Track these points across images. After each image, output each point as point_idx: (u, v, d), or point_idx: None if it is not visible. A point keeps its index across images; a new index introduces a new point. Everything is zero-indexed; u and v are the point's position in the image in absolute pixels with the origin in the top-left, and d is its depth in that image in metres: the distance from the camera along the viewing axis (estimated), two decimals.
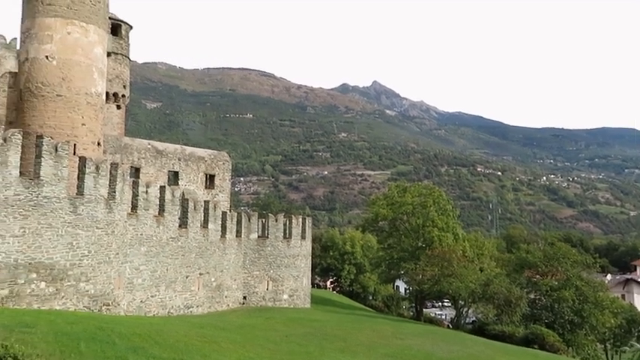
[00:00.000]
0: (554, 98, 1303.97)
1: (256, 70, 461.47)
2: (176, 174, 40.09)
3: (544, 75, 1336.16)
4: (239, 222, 35.93)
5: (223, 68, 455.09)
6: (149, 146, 39.42)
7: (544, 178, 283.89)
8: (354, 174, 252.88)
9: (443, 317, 66.77)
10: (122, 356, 13.32)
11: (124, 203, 24.70)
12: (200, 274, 31.31)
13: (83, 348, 13.23)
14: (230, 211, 37.27)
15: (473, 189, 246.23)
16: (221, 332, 21.45)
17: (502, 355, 29.23)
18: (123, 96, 40.11)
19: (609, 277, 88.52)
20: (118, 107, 40.07)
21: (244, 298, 36.19)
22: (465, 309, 49.38)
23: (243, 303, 35.92)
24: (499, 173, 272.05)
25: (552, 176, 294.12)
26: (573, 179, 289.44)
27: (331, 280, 75.43)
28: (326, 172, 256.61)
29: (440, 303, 78.39)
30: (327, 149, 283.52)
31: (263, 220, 38.44)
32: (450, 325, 53.22)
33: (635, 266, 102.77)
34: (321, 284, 74.54)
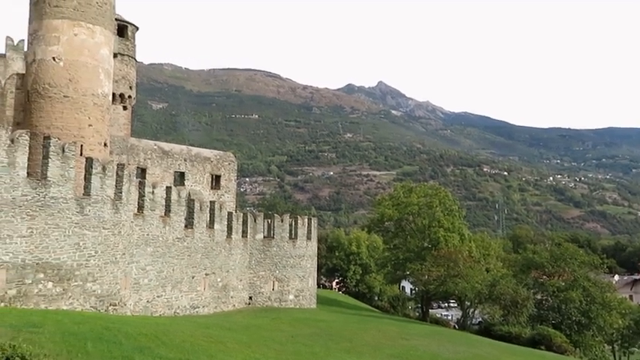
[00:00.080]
0: (560, 98, 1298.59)
1: (262, 71, 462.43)
2: (182, 174, 40.24)
3: (550, 75, 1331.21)
4: (245, 222, 36.00)
5: (229, 69, 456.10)
6: (155, 147, 39.58)
7: (551, 179, 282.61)
8: (360, 174, 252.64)
9: (449, 318, 66.62)
10: (129, 356, 13.36)
11: (131, 204, 24.80)
12: (206, 275, 31.39)
13: (90, 348, 13.29)
14: (236, 212, 37.35)
15: (479, 189, 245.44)
16: (227, 332, 21.49)
17: (509, 356, 29.14)
18: (129, 97, 40.27)
19: (617, 278, 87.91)
20: (125, 108, 40.24)
21: (250, 299, 36.26)
22: (471, 310, 49.26)
23: (249, 303, 35.99)
24: (505, 173, 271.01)
25: (559, 176, 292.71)
26: (580, 179, 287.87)
27: (337, 281, 75.39)
28: (331, 173, 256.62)
29: (446, 304, 78.30)
30: (333, 150, 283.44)
31: (269, 221, 38.49)
32: (456, 326, 53.08)
33: None
34: (327, 285, 74.53)
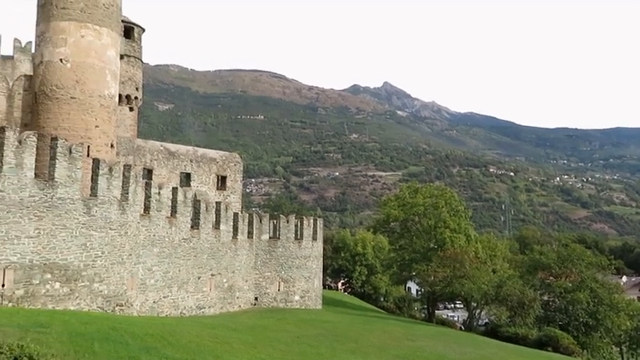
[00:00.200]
0: (567, 98, 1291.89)
1: (267, 72, 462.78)
2: (188, 175, 40.36)
3: (557, 75, 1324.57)
4: (250, 223, 36.04)
5: (234, 70, 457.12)
6: (161, 148, 39.74)
7: (557, 179, 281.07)
8: (366, 175, 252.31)
9: (455, 319, 66.41)
10: (135, 356, 13.42)
11: (137, 204, 24.89)
12: (212, 275, 31.45)
13: (97, 348, 13.37)
14: (241, 212, 37.42)
15: (485, 190, 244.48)
16: (233, 333, 21.53)
17: (515, 358, 29.01)
18: (135, 98, 40.42)
19: (625, 279, 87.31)
20: (131, 109, 40.38)
21: (256, 299, 36.28)
22: (478, 311, 49.08)
23: (254, 304, 36.02)
24: (512, 174, 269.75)
25: (566, 177, 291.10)
26: (587, 180, 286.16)
27: (342, 282, 75.31)
28: (337, 173, 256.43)
29: (452, 305, 78.09)
30: (339, 150, 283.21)
31: (274, 222, 38.50)
32: (463, 327, 52.91)
33: None
34: (333, 285, 74.47)
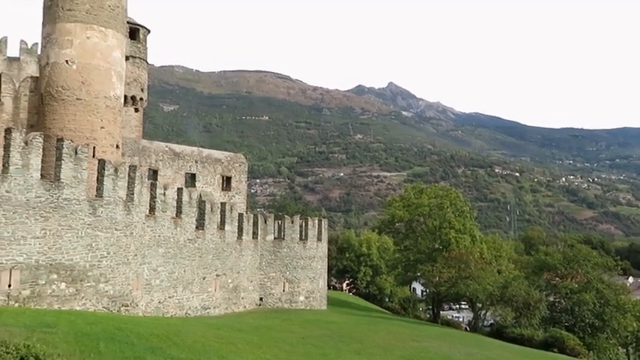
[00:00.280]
0: (573, 98, 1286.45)
1: (272, 73, 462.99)
2: (193, 176, 40.45)
3: (562, 74, 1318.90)
4: (255, 224, 36.09)
5: (239, 71, 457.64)
6: (166, 149, 39.86)
7: (563, 179, 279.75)
8: (370, 175, 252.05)
9: (460, 320, 66.28)
10: (140, 356, 13.46)
11: (142, 205, 24.97)
12: (217, 276, 31.51)
13: (102, 348, 13.41)
14: (246, 213, 37.47)
15: (490, 190, 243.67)
16: (238, 333, 21.55)
17: (521, 359, 28.93)
18: (141, 99, 40.59)
19: (631, 280, 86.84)
20: (136, 110, 40.57)
21: (261, 300, 36.32)
22: (483, 311, 48.97)
23: (259, 304, 36.05)
24: (517, 174, 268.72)
25: (572, 177, 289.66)
26: (593, 180, 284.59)
27: (347, 282, 75.28)
28: (342, 174, 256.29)
29: (457, 305, 77.91)
30: (343, 151, 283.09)
31: (279, 222, 38.54)
32: (468, 328, 52.79)
33: None
34: (338, 286, 74.43)
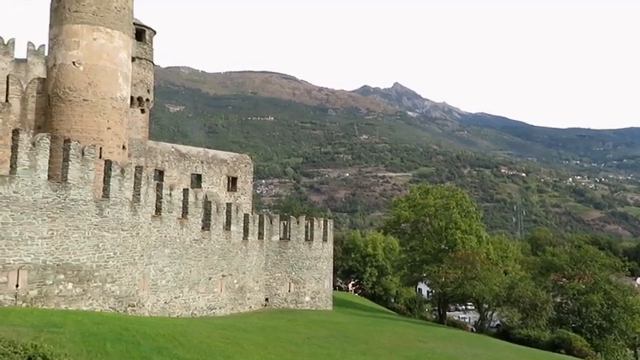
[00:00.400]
0: (579, 98, 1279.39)
1: (277, 73, 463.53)
2: (199, 176, 40.55)
3: (569, 74, 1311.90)
4: (261, 224, 36.13)
5: (245, 71, 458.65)
6: (172, 149, 39.97)
7: (570, 180, 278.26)
8: (376, 176, 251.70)
9: (466, 321, 66.04)
10: (147, 356, 13.49)
11: (149, 206, 25.06)
12: (223, 276, 31.56)
13: (109, 348, 13.46)
14: (252, 214, 37.53)
15: (496, 190, 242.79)
16: (243, 334, 21.58)
17: None
18: (147, 100, 40.74)
19: (639, 281, 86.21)
20: (142, 111, 40.72)
21: (266, 300, 36.36)
22: (489, 312, 48.75)
23: (265, 305, 36.09)
24: (523, 174, 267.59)
25: (578, 177, 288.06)
26: (601, 180, 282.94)
27: (353, 283, 75.19)
28: (347, 174, 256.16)
29: (463, 306, 77.53)
30: (349, 151, 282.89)
31: (285, 223, 38.57)
32: (474, 329, 52.56)
33: None
34: (343, 287, 74.37)
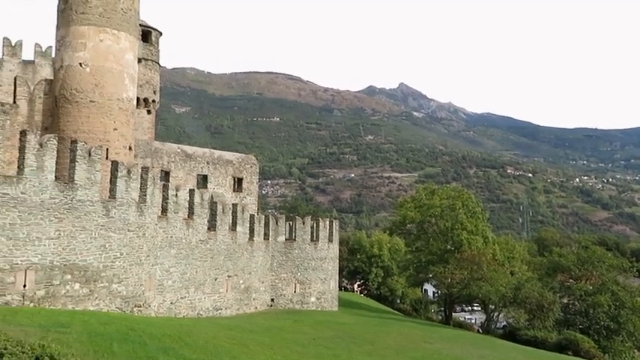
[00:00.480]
0: (586, 97, 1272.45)
1: (283, 74, 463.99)
2: (205, 177, 40.66)
3: (576, 74, 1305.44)
4: (267, 225, 36.18)
5: (250, 72, 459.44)
6: (178, 150, 40.11)
7: (577, 180, 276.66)
8: (381, 176, 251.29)
9: (473, 321, 65.75)
10: (153, 357, 13.52)
11: (155, 206, 25.15)
12: (228, 277, 31.62)
13: (116, 348, 13.50)
14: (258, 214, 37.59)
15: (503, 191, 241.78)
16: (249, 334, 21.59)
17: None
18: (153, 101, 40.90)
19: None
20: (149, 112, 40.88)
21: (272, 301, 36.39)
22: (496, 313, 48.56)
23: (271, 305, 36.12)
24: (530, 175, 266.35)
25: (586, 178, 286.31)
26: (608, 181, 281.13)
27: (359, 283, 75.10)
28: (353, 175, 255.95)
29: (469, 307, 77.22)
30: (354, 152, 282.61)
31: (290, 223, 38.60)
32: (480, 330, 52.37)
33: None
34: (349, 287, 74.30)
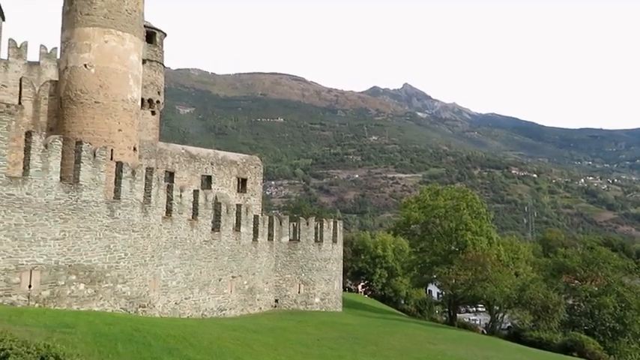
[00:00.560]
0: (591, 98, 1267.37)
1: (287, 75, 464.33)
2: (209, 178, 40.73)
3: (580, 74, 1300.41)
4: (271, 225, 36.20)
5: (254, 73, 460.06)
6: (183, 151, 40.20)
7: (582, 180, 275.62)
8: (386, 177, 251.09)
9: (477, 322, 65.56)
10: (157, 357, 13.54)
11: (159, 207, 25.21)
12: (233, 277, 31.66)
13: (120, 349, 13.53)
14: (262, 215, 37.61)
15: (507, 192, 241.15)
16: (253, 335, 21.61)
17: None
18: (157, 102, 40.96)
19: None
20: (153, 113, 40.93)
21: (276, 301, 36.40)
22: (500, 314, 48.42)
23: (275, 306, 36.14)
24: (534, 175, 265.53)
25: (591, 178, 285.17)
26: (613, 181, 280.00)
27: (363, 284, 75.07)
28: (357, 176, 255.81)
29: (474, 308, 77.04)
30: (358, 152, 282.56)
31: (294, 224, 38.61)
32: (485, 331, 52.21)
33: None
34: (353, 288, 74.27)
